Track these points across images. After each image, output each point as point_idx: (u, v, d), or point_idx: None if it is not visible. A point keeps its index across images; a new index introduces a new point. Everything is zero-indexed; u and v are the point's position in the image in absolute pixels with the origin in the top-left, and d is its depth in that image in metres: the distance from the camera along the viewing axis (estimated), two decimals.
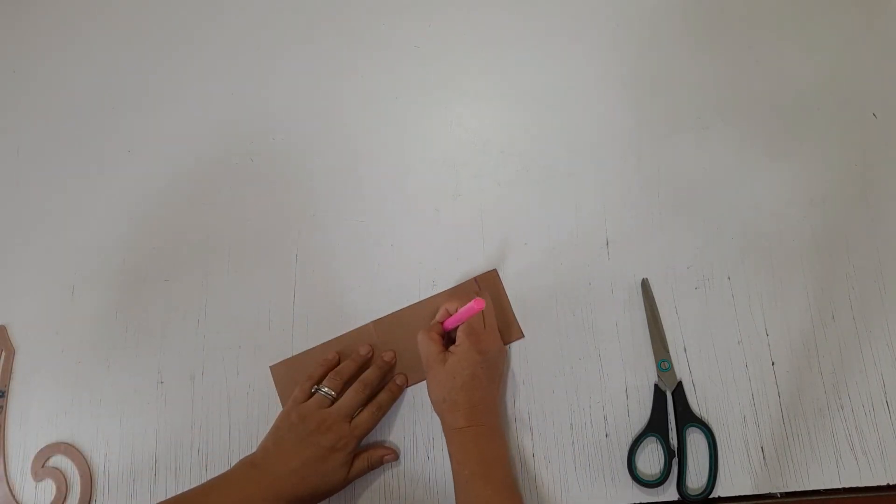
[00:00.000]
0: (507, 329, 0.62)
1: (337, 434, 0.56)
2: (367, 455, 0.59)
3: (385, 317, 0.64)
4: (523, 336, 0.62)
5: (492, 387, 0.58)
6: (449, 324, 0.60)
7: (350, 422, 0.57)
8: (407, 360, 0.63)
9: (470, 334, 0.57)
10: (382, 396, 0.60)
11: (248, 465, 0.56)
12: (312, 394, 0.59)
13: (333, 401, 0.58)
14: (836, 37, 0.68)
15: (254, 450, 0.58)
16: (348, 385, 0.59)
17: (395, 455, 0.60)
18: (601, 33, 0.70)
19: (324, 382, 0.59)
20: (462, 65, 0.71)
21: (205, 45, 0.75)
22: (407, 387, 0.62)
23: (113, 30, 0.77)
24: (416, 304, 0.64)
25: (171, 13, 0.76)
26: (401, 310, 0.64)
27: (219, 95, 0.73)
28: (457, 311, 0.58)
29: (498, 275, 0.64)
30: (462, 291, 0.63)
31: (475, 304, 0.54)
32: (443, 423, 0.57)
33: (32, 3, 0.79)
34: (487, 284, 0.64)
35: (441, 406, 0.57)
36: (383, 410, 0.60)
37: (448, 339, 0.61)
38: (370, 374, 0.60)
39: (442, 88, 0.71)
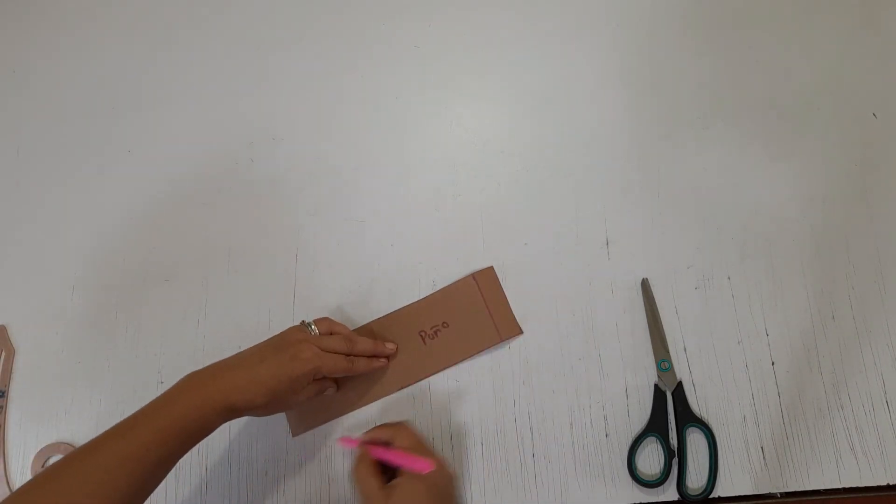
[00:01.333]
0: (505, 325, 0.62)
1: (302, 347, 0.54)
2: (318, 383, 0.57)
3: (385, 316, 0.64)
4: (521, 332, 0.62)
5: None
6: (381, 455, 0.53)
7: (318, 349, 0.55)
8: (405, 359, 0.63)
9: (417, 477, 0.51)
10: (360, 361, 0.59)
11: (209, 369, 0.54)
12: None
13: (314, 335, 0.57)
14: (836, 37, 0.68)
15: (253, 449, 0.58)
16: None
17: (334, 385, 0.60)
18: (601, 33, 0.70)
19: (313, 322, 0.59)
20: (462, 65, 0.71)
21: (205, 45, 0.75)
22: (404, 388, 0.62)
23: (113, 30, 0.77)
24: (415, 303, 0.64)
25: (172, 13, 0.76)
26: (400, 309, 0.64)
27: (219, 95, 0.73)
28: (386, 443, 0.53)
29: (494, 271, 0.64)
30: (459, 289, 0.63)
31: (422, 466, 0.50)
32: None
33: (32, 3, 0.79)
34: (485, 281, 0.64)
35: None
36: (356, 369, 0.58)
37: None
38: (360, 338, 0.60)
39: (442, 88, 0.71)
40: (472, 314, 0.63)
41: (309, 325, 0.58)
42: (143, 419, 0.50)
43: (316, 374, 0.55)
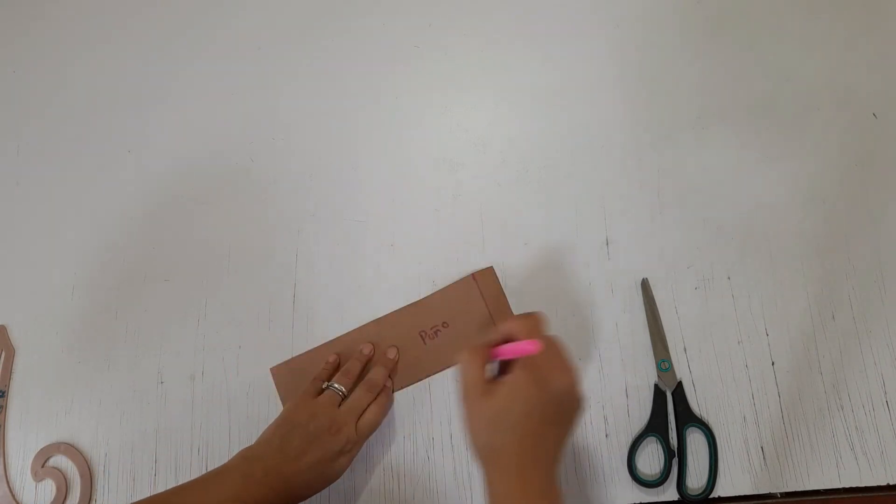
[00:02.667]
0: None
1: (346, 436, 0.54)
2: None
3: (385, 316, 0.64)
4: None
5: (553, 436, 0.46)
6: (499, 353, 0.50)
7: (357, 422, 0.56)
8: (406, 360, 0.63)
9: (529, 366, 0.46)
10: (382, 399, 0.59)
11: (248, 460, 0.53)
12: (322, 391, 0.58)
13: (343, 398, 0.57)
14: (836, 37, 0.68)
15: None
16: (356, 385, 0.59)
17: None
18: (601, 33, 0.70)
19: (334, 379, 0.59)
20: (462, 65, 0.71)
21: (205, 45, 0.75)
22: (404, 388, 0.62)
23: (113, 30, 0.77)
24: (415, 302, 0.64)
25: (172, 13, 0.76)
26: (400, 309, 0.64)
27: (219, 95, 0.73)
28: (509, 340, 0.49)
29: (494, 271, 0.64)
30: (459, 289, 0.63)
31: (526, 346, 0.45)
32: (485, 475, 0.46)
33: (32, 3, 0.79)
34: (485, 281, 0.64)
35: (482, 453, 0.46)
36: (385, 411, 0.60)
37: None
38: (377, 375, 0.60)
39: (442, 88, 0.71)
40: (473, 314, 0.63)
41: (332, 385, 0.58)
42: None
43: (359, 449, 0.56)
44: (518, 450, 0.44)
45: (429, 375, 0.62)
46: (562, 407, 0.46)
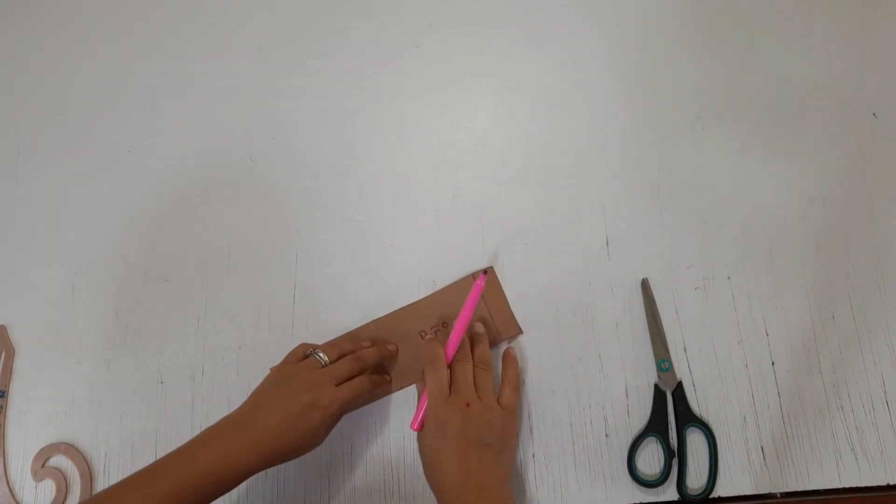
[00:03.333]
0: (505, 326, 0.62)
1: (320, 392, 0.53)
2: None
3: (385, 316, 0.64)
4: (521, 332, 0.62)
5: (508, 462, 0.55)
6: (457, 333, 0.57)
7: (336, 385, 0.55)
8: (405, 360, 0.63)
9: (515, 386, 0.57)
10: (374, 376, 0.59)
11: (228, 422, 0.53)
12: (306, 357, 0.58)
13: (325, 366, 0.57)
14: (836, 37, 0.68)
15: None
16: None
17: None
18: (601, 33, 0.70)
19: (318, 348, 0.58)
20: (462, 65, 0.71)
21: (205, 44, 0.75)
22: (403, 388, 0.62)
23: (113, 30, 0.77)
24: (415, 302, 0.64)
25: (172, 13, 0.76)
26: (400, 309, 0.64)
27: (219, 95, 0.73)
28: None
29: (494, 272, 0.64)
30: (459, 288, 0.63)
31: (479, 284, 0.51)
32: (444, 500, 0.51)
33: (32, 3, 0.79)
34: (485, 281, 0.63)
35: (445, 476, 0.52)
36: (373, 386, 0.58)
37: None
38: (368, 352, 0.59)
39: (442, 88, 0.71)
40: (472, 314, 0.63)
41: (316, 353, 0.57)
42: (162, 473, 0.50)
43: (339, 414, 0.55)
44: (440, 485, 0.53)
45: None
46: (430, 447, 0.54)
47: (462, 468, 0.51)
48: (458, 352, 0.57)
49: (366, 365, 0.58)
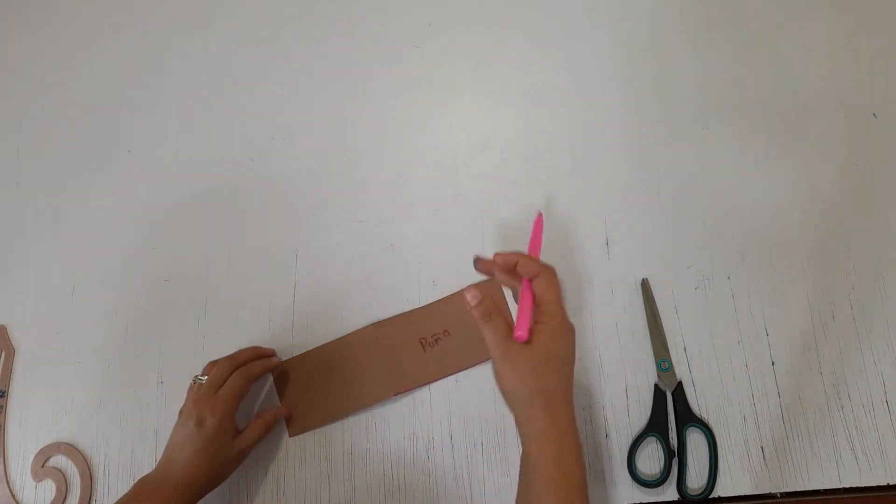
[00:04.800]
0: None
1: (201, 407, 0.55)
2: (259, 423, 0.58)
3: (385, 320, 0.64)
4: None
5: (573, 371, 0.50)
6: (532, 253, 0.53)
7: (217, 391, 0.57)
8: (404, 365, 0.62)
9: (556, 309, 0.48)
10: (253, 364, 0.60)
11: (141, 483, 0.55)
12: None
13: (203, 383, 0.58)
14: (836, 37, 0.68)
15: (252, 449, 0.58)
16: None
17: (287, 411, 0.61)
18: (601, 34, 0.70)
19: (201, 372, 0.59)
20: (462, 65, 0.71)
21: (205, 45, 0.75)
22: (405, 392, 0.62)
23: (113, 30, 0.77)
24: (416, 309, 0.64)
25: (172, 13, 0.76)
26: (401, 314, 0.64)
27: (219, 95, 0.73)
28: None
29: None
30: (461, 298, 0.63)
31: (519, 332, 0.47)
32: (524, 423, 0.47)
33: (32, 4, 0.79)
34: (489, 291, 0.63)
35: (533, 398, 0.46)
36: (252, 373, 0.59)
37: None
38: (239, 352, 0.60)
39: (442, 89, 0.71)
40: (474, 324, 0.62)
41: (197, 378, 0.59)
42: None
43: (229, 413, 0.56)
44: (567, 387, 0.48)
45: (427, 383, 0.62)
46: (574, 342, 0.50)
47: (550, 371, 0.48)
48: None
49: (237, 361, 0.59)
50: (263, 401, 0.63)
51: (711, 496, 0.57)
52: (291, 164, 0.70)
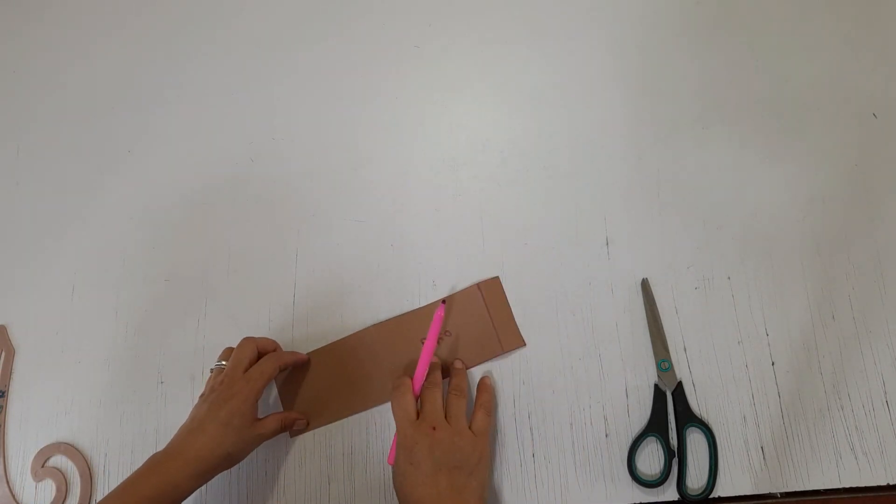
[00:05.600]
0: (508, 337, 0.62)
1: (230, 385, 0.55)
2: (280, 416, 0.59)
3: (387, 321, 0.64)
4: (525, 344, 0.62)
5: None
6: (423, 361, 0.58)
7: (244, 372, 0.57)
8: (406, 366, 0.62)
9: (487, 410, 0.57)
10: (284, 352, 0.61)
11: (157, 457, 0.54)
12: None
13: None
14: (836, 37, 0.68)
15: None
16: None
17: (305, 422, 0.61)
18: (601, 33, 0.70)
19: (219, 358, 0.60)
20: (462, 65, 0.71)
21: (205, 44, 0.75)
22: None
23: (113, 30, 0.77)
24: (417, 309, 0.64)
25: (172, 13, 0.76)
26: (402, 315, 0.64)
27: (219, 95, 0.73)
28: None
29: (500, 282, 0.64)
30: (463, 298, 0.63)
31: (439, 313, 0.52)
32: None
33: (32, 4, 0.79)
34: (489, 292, 0.63)
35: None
36: (283, 360, 0.59)
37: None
38: (261, 338, 0.61)
39: (442, 89, 0.71)
40: (476, 324, 0.62)
41: (217, 364, 0.59)
42: (115, 500, 0.51)
43: (255, 394, 0.56)
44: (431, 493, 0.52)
45: None
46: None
47: (433, 493, 0.51)
48: (426, 378, 0.58)
49: (264, 345, 0.60)
50: (264, 401, 0.63)
51: (711, 496, 0.57)
52: (291, 164, 0.70)
